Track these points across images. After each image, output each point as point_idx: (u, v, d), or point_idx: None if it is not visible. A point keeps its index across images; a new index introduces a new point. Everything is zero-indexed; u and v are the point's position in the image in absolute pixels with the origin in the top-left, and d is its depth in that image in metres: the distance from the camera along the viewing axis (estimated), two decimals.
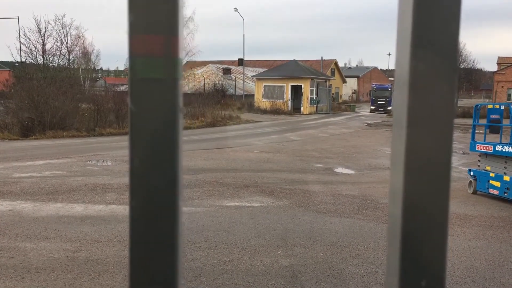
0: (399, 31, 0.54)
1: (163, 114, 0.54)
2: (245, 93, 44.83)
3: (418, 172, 0.53)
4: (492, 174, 9.01)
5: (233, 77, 51.44)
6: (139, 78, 0.54)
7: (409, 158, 0.53)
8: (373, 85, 51.47)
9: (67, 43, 37.08)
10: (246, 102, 40.52)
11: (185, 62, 50.08)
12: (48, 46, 32.66)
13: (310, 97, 38.82)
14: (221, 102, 36.73)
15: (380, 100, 46.74)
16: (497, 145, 8.99)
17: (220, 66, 55.76)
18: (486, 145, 9.29)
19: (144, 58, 0.53)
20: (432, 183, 0.53)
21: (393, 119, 0.57)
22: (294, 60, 43.15)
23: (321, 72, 46.63)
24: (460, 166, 12.86)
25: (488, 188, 9.05)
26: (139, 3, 0.53)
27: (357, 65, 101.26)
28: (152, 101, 0.54)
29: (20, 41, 32.73)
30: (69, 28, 39.12)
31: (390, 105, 46.78)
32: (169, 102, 0.54)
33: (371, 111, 47.28)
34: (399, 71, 0.54)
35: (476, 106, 10.61)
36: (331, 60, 60.98)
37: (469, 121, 10.36)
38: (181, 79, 0.56)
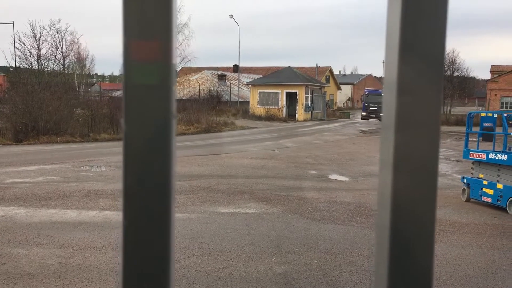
0: (388, 36, 0.55)
1: (157, 120, 0.55)
2: (240, 100, 44.89)
3: (406, 175, 0.54)
4: (485, 182, 9.05)
5: (228, 83, 51.49)
6: (133, 84, 0.54)
7: (397, 162, 0.54)
8: (365, 90, 49.50)
9: (62, 48, 37.08)
10: (241, 108, 40.58)
11: (180, 68, 50.16)
12: (43, 51, 32.53)
13: (305, 104, 38.93)
14: (216, 108, 36.73)
15: (372, 106, 44.50)
16: (490, 153, 9.04)
17: (215, 72, 55.82)
18: (479, 153, 9.34)
19: (138, 64, 0.54)
20: (420, 186, 0.54)
21: (381, 122, 0.58)
22: (289, 67, 43.29)
23: (316, 79, 46.81)
24: (454, 173, 12.91)
25: (481, 195, 9.09)
26: (134, 8, 0.53)
27: (351, 72, 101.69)
28: (146, 107, 0.55)
29: (14, 46, 32.63)
30: (64, 33, 39.18)
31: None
32: (163, 108, 0.55)
33: (363, 118, 45.19)
34: (388, 75, 0.56)
35: (470, 114, 10.68)
36: (326, 67, 61.23)
37: (463, 129, 10.43)
38: (175, 85, 0.56)
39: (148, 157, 0.55)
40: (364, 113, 46.08)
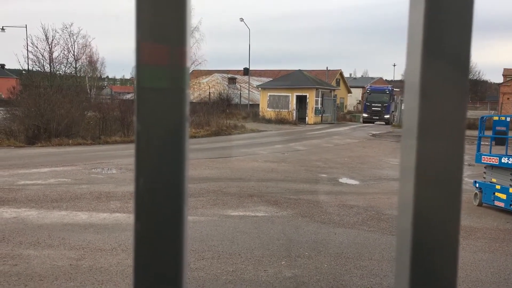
0: (410, 39, 0.54)
1: (170, 123, 0.54)
2: (250, 103, 44.92)
3: (429, 183, 0.53)
4: (497, 186, 8.95)
5: (238, 86, 51.58)
6: (146, 87, 0.54)
7: (419, 169, 0.52)
8: (367, 87, 43.50)
9: (74, 52, 37.42)
10: (251, 111, 40.61)
11: (191, 71, 50.34)
12: (55, 55, 32.88)
13: (315, 107, 38.84)
14: (226, 111, 36.81)
15: (375, 106, 38.92)
16: (503, 157, 8.94)
17: (225, 75, 55.97)
18: (491, 157, 9.24)
19: (151, 67, 0.54)
20: (443, 194, 0.53)
21: (403, 128, 0.56)
22: (299, 70, 43.24)
23: (326, 82, 46.69)
24: (466, 178, 12.78)
25: (493, 200, 8.99)
26: (147, 12, 0.53)
27: (362, 76, 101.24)
28: (158, 110, 0.54)
29: (27, 49, 32.99)
30: (76, 37, 39.42)
31: (388, 113, 38.85)
32: (176, 111, 0.54)
33: (365, 120, 39.56)
34: (410, 80, 0.54)
35: (482, 117, 10.58)
36: (337, 71, 61.08)
37: (475, 133, 10.32)
38: (188, 88, 0.56)
39: (161, 160, 0.55)
40: (365, 115, 40.16)
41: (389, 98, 39.29)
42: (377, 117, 38.84)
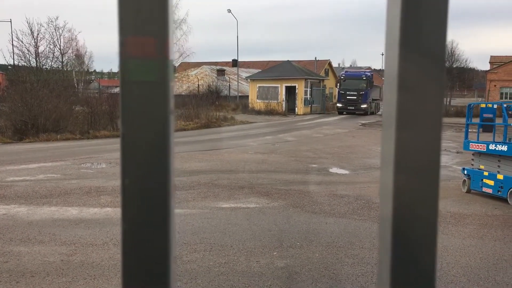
0: (388, 31, 0.55)
1: (155, 116, 0.54)
2: (239, 94, 44.83)
3: (407, 172, 0.54)
4: (485, 173, 9.06)
5: (227, 78, 51.43)
6: (130, 81, 0.54)
7: (398, 158, 0.54)
8: (342, 73, 37.55)
9: (60, 46, 36.97)
10: (241, 103, 40.55)
11: (179, 63, 50.07)
12: (41, 49, 32.50)
13: (304, 98, 38.88)
14: (215, 104, 36.70)
15: (350, 95, 33.73)
16: (490, 144, 9.04)
17: (214, 67, 55.72)
18: (479, 144, 9.34)
19: (135, 60, 0.53)
20: (421, 182, 0.54)
21: (383, 119, 0.58)
22: (288, 60, 43.21)
23: (315, 72, 46.71)
24: (454, 165, 12.92)
25: (482, 186, 9.10)
26: (129, 5, 0.53)
27: (350, 65, 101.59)
28: (143, 104, 0.54)
29: (12, 44, 32.56)
30: (62, 31, 39.01)
31: (365, 101, 34.02)
32: (161, 104, 0.54)
33: (339, 111, 34.88)
34: (388, 72, 0.55)
35: (469, 105, 10.66)
36: (325, 61, 61.09)
37: (462, 120, 10.42)
38: (173, 81, 0.56)
39: (146, 153, 0.55)
40: (339, 105, 35.01)
41: (366, 85, 34.08)
42: (353, 107, 33.66)
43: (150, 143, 0.54)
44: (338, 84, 35.09)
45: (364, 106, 34.45)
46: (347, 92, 33.87)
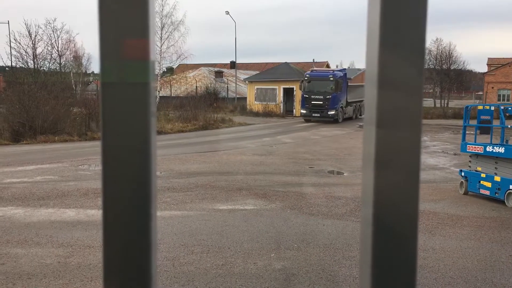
0: (368, 29, 0.55)
1: (136, 118, 0.54)
2: (237, 96, 44.82)
3: (388, 170, 0.54)
4: (483, 175, 9.07)
5: (225, 80, 51.40)
6: (110, 82, 0.54)
7: (379, 157, 0.54)
8: (306, 73, 31.07)
9: (58, 47, 36.97)
10: (239, 105, 40.53)
11: (177, 65, 50.04)
12: (39, 50, 32.52)
13: None
14: (213, 105, 36.68)
15: (315, 100, 27.98)
16: (487, 145, 9.06)
17: (212, 69, 55.71)
18: (476, 146, 9.35)
19: (115, 62, 0.53)
20: (402, 181, 0.54)
21: (364, 118, 0.58)
22: (286, 62, 43.19)
23: None
24: (451, 167, 12.93)
25: (479, 188, 9.11)
26: (110, 6, 0.53)
27: (348, 67, 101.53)
28: (123, 106, 0.54)
29: (10, 46, 32.54)
30: (60, 32, 38.97)
31: (334, 107, 28.09)
32: (142, 106, 0.54)
33: (305, 118, 29.08)
34: (369, 71, 0.55)
35: (467, 107, 10.69)
36: (323, 63, 61.16)
37: (460, 122, 10.43)
38: (154, 82, 0.55)
39: (127, 156, 0.54)
40: (303, 111, 29.00)
41: (335, 87, 28.36)
42: (318, 114, 27.98)
43: (131, 146, 0.54)
44: (302, 86, 29.41)
45: (331, 112, 28.35)
46: (312, 96, 28.17)
